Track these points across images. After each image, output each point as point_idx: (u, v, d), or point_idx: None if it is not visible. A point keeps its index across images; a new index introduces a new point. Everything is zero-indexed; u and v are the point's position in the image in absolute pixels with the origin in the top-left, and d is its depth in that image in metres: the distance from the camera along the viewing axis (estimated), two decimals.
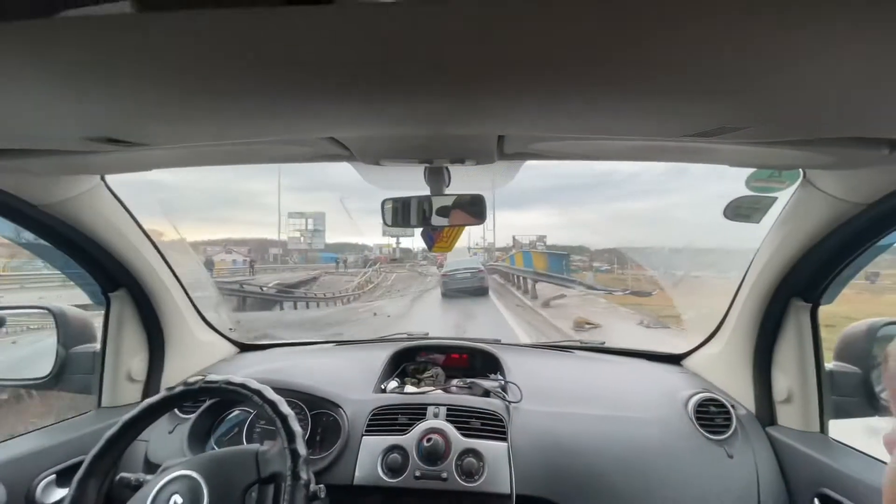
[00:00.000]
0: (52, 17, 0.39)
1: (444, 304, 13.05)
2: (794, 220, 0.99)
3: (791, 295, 1.10)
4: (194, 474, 0.80)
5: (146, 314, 1.29)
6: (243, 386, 0.87)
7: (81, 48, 0.42)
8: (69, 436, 1.11)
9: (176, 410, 1.19)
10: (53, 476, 1.04)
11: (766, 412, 1.18)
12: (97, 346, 1.28)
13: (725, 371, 1.33)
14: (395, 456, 1.05)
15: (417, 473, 1.02)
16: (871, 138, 0.59)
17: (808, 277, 1.05)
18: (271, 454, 0.83)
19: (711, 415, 1.17)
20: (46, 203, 0.95)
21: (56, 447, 1.07)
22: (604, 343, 1.70)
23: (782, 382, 1.15)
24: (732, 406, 1.19)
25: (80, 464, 0.83)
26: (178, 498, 0.78)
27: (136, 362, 1.30)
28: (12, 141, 0.66)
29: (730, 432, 1.13)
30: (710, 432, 1.14)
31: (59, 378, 1.27)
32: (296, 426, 0.81)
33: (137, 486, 0.83)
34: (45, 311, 1.26)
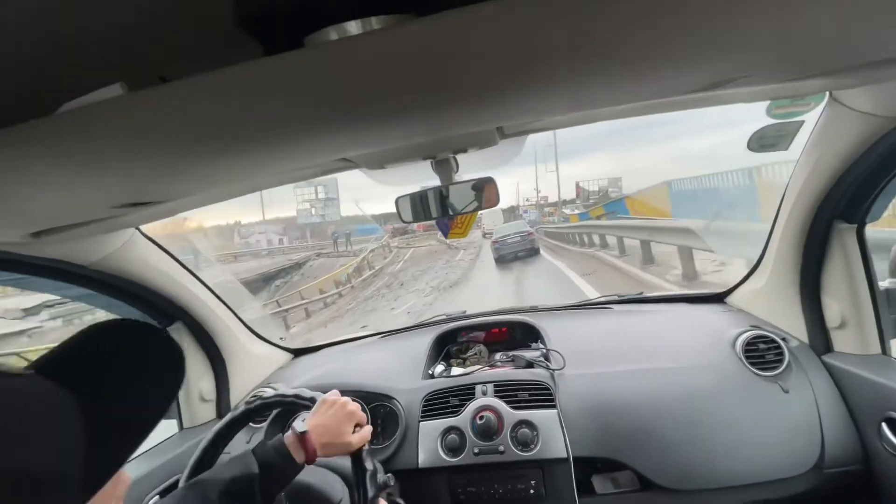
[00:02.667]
0: (54, 115, 0.41)
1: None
2: (825, 141, 0.92)
3: (832, 218, 1.04)
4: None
5: (203, 340, 1.39)
6: (312, 400, 0.92)
7: (88, 134, 0.45)
8: (164, 458, 1.24)
9: (250, 423, 1.30)
10: (157, 496, 1.17)
11: (820, 340, 1.15)
12: None
13: (772, 304, 1.29)
14: (453, 437, 1.11)
15: (476, 450, 1.08)
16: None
17: (848, 198, 0.99)
18: None
19: (761, 352, 1.15)
20: (92, 261, 1.03)
21: (155, 470, 1.20)
22: (641, 293, 1.68)
23: (834, 308, 1.11)
24: (783, 339, 1.16)
25: (178, 482, 0.93)
26: None
27: (205, 384, 1.41)
28: (49, 222, 0.72)
29: (783, 367, 1.11)
30: (761, 370, 1.13)
31: None
32: None
33: None
34: None
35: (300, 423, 0.82)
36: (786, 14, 0.39)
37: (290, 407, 1.01)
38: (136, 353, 0.41)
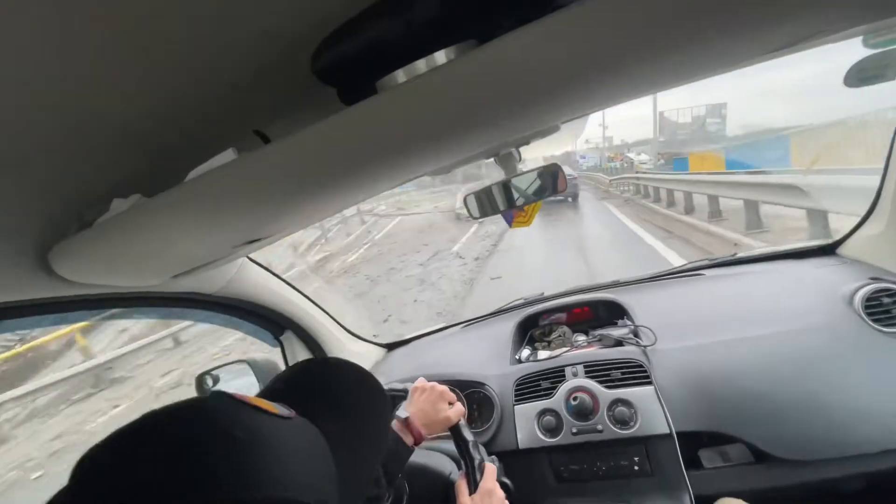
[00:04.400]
0: (184, 182, 0.51)
1: None
2: None
3: None
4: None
5: (311, 345, 1.56)
6: (405, 390, 1.02)
7: (212, 194, 0.54)
8: None
9: None
10: None
11: None
12: None
13: (894, 250, 1.15)
14: (549, 418, 1.14)
15: (574, 430, 1.11)
16: None
17: None
18: None
19: (885, 306, 1.04)
20: (216, 289, 1.20)
21: None
22: (735, 254, 1.57)
23: None
24: None
25: None
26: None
27: None
28: (186, 266, 0.86)
29: None
30: (885, 325, 1.02)
31: None
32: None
33: None
34: (243, 363, 1.59)
35: (402, 411, 0.92)
36: None
37: (395, 400, 1.12)
38: (347, 387, 0.48)
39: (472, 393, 1.34)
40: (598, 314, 1.48)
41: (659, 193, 10.43)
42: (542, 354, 1.37)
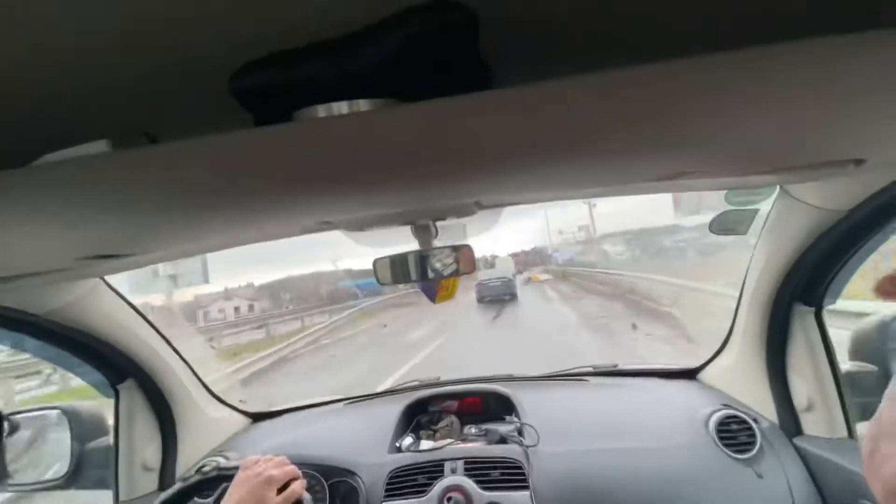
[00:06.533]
0: (31, 165, 0.41)
1: None
2: (779, 229, 0.99)
3: (792, 300, 1.09)
4: None
5: (155, 401, 1.29)
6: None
7: (64, 188, 0.44)
8: None
9: (196, 497, 1.17)
10: None
11: (790, 422, 1.15)
12: (111, 438, 1.28)
13: (742, 383, 1.30)
14: None
15: None
16: (833, 161, 0.60)
17: (805, 282, 1.04)
18: None
19: (734, 432, 1.14)
20: (47, 311, 0.97)
21: None
22: (616, 365, 1.68)
23: (801, 390, 1.13)
24: (755, 420, 1.16)
25: None
26: None
27: (150, 451, 1.29)
28: (7, 270, 0.68)
29: (755, 449, 1.10)
30: (735, 452, 1.11)
31: (76, 476, 1.26)
32: None
33: None
34: (58, 411, 1.27)
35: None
36: (737, 121, 0.44)
37: (223, 480, 0.94)
38: None
39: (337, 483, 1.18)
40: (488, 406, 1.45)
41: None
42: (425, 444, 1.27)
